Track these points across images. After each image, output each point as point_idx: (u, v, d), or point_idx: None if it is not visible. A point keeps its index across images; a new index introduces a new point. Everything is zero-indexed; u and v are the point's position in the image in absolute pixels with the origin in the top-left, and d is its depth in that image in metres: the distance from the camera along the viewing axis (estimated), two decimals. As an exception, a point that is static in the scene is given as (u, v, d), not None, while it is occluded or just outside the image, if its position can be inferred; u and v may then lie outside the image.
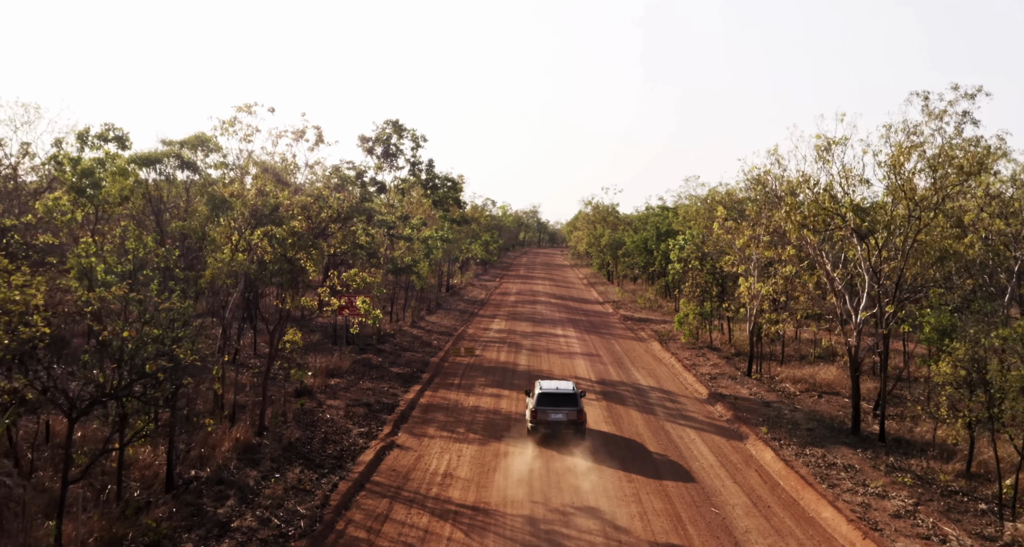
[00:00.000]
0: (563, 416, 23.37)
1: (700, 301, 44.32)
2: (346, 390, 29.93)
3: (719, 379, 35.07)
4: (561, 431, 23.34)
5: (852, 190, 22.39)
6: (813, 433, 25.46)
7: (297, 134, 25.36)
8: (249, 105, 24.50)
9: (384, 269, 42.94)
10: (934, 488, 20.25)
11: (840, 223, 22.57)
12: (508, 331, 50.41)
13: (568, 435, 23.36)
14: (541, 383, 24.67)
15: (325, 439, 23.11)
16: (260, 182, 19.73)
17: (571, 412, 23.39)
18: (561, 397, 23.71)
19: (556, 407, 23.47)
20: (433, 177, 41.46)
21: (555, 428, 23.34)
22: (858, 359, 25.16)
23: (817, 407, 29.39)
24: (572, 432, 23.38)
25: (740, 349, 42.72)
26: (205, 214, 17.23)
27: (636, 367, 38.10)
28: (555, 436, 23.39)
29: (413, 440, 23.85)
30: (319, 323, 44.81)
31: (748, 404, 29.92)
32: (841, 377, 34.63)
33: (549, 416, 23.40)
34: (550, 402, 23.61)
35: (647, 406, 29.32)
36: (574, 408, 23.48)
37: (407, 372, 34.63)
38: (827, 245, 25.85)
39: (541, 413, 23.45)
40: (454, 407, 28.48)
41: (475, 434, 24.67)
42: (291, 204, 21.23)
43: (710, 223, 40.84)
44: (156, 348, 15.52)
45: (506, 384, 32.88)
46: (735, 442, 24.77)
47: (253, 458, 20.48)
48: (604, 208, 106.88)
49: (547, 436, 23.47)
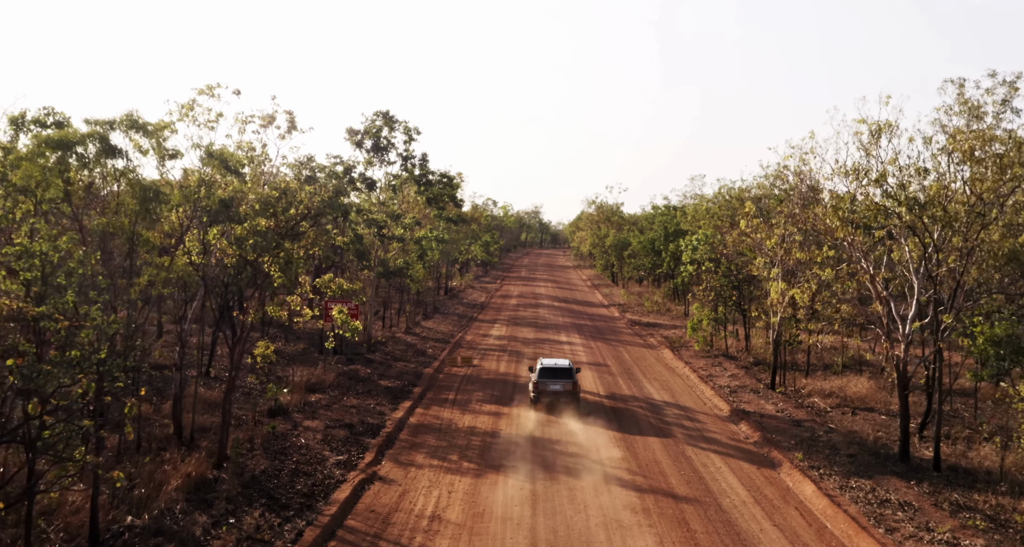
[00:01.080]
0: (560, 387, 27.48)
1: (714, 306, 41.22)
2: (328, 408, 26.82)
3: (740, 393, 31.93)
4: (559, 399, 27.37)
5: (907, 181, 19.28)
6: (856, 460, 22.31)
7: (266, 120, 22.40)
8: (211, 86, 21.46)
9: (375, 272, 39.81)
10: (1011, 532, 17.11)
11: (895, 220, 19.47)
12: (509, 337, 47.29)
13: (564, 403, 27.30)
14: (542, 360, 28.93)
15: (296, 470, 19.99)
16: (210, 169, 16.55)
17: (567, 383, 27.55)
18: (559, 371, 28.03)
19: (555, 379, 27.60)
20: (427, 172, 38.30)
21: (554, 397, 27.43)
22: (907, 374, 22.03)
23: (854, 426, 26.23)
24: (568, 400, 27.36)
25: (759, 358, 39.58)
26: (134, 208, 14.22)
27: (648, 378, 34.96)
28: (554, 404, 27.36)
29: (398, 470, 20.73)
30: (305, 330, 41.72)
31: (776, 423, 26.78)
32: (874, 390, 31.50)
33: (549, 387, 27.53)
34: (550, 375, 27.84)
35: (664, 426, 26.18)
36: (569, 380, 27.68)
37: (397, 386, 31.51)
38: (866, 245, 22.70)
39: (542, 384, 27.62)
40: (447, 428, 25.36)
41: (469, 463, 21.54)
42: (252, 198, 18.17)
43: (726, 222, 37.77)
44: (73, 375, 12.45)
45: (506, 400, 29.75)
46: (767, 471, 21.63)
47: (206, 498, 17.35)
48: (608, 208, 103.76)
49: (548, 404, 27.43)
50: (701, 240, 44.02)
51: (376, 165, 38.26)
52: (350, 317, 34.23)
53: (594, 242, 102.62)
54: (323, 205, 18.52)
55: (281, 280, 18.21)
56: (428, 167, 38.79)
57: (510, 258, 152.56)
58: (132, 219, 14.44)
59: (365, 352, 37.99)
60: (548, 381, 27.49)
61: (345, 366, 34.04)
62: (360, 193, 40.09)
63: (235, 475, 18.75)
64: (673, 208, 77.89)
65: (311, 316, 19.92)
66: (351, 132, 37.75)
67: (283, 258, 17.88)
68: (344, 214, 23.99)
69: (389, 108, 49.35)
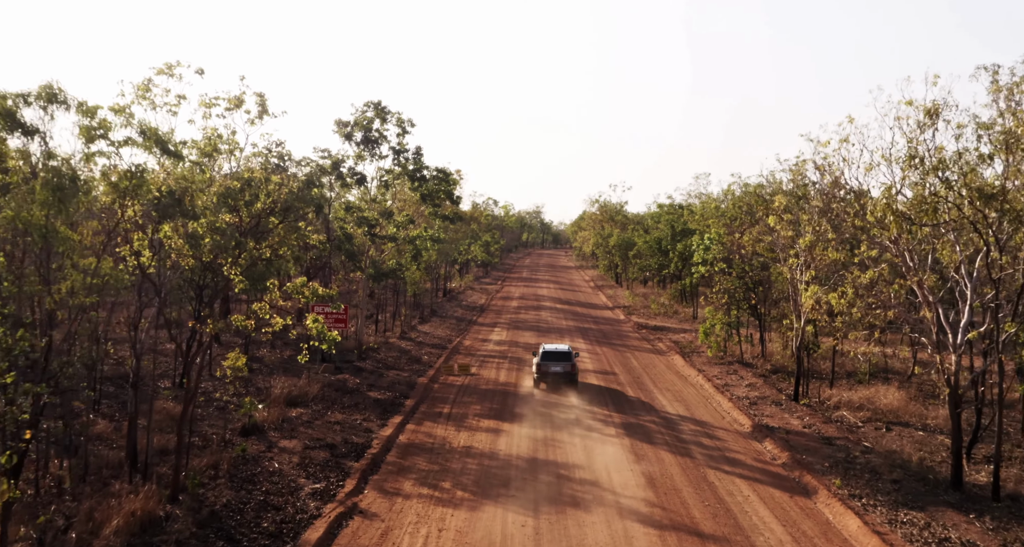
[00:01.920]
0: (560, 368, 30.49)
1: (727, 309, 38.63)
2: (309, 424, 24.26)
3: (760, 405, 29.34)
4: (560, 380, 30.42)
5: (968, 170, 16.69)
6: (901, 487, 19.72)
7: (233, 102, 19.83)
8: (171, 65, 18.94)
9: (366, 274, 37.25)
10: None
11: (955, 214, 16.90)
12: (510, 343, 44.70)
13: (564, 383, 30.42)
14: (544, 346, 31.92)
15: (264, 503, 17.41)
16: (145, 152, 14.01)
17: (566, 365, 30.54)
18: (559, 354, 30.94)
19: (555, 362, 30.62)
20: (421, 167, 35.69)
21: (554, 378, 30.46)
22: (959, 389, 19.44)
23: (892, 445, 23.64)
24: (566, 380, 30.50)
25: (777, 365, 36.97)
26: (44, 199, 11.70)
27: (659, 388, 32.36)
28: (555, 385, 30.39)
29: (382, 502, 18.14)
30: (292, 336, 39.15)
31: (804, 441, 24.20)
32: (905, 402, 28.90)
33: (550, 368, 30.49)
34: (551, 358, 30.77)
35: (681, 445, 23.59)
36: (568, 363, 30.62)
37: (388, 398, 28.94)
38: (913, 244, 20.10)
39: (544, 366, 30.58)
40: (440, 448, 22.77)
41: (464, 491, 18.95)
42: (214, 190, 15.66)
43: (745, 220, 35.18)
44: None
45: (506, 414, 27.15)
46: (801, 499, 19.05)
47: (151, 542, 14.79)
48: (612, 207, 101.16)
49: (549, 383, 30.54)
50: (713, 239, 41.39)
51: (367, 159, 35.69)
52: (336, 322, 31.85)
53: (597, 242, 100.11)
54: (292, 198, 16.01)
55: (243, 285, 15.68)
56: (422, 162, 36.19)
57: (511, 258, 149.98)
58: (46, 212, 11.92)
59: (355, 360, 35.44)
60: (550, 363, 30.52)
61: (333, 376, 31.49)
62: (349, 189, 37.56)
63: (191, 511, 16.19)
64: (679, 206, 75.35)
65: (282, 325, 17.33)
66: (340, 124, 35.18)
67: (245, 260, 15.34)
68: (317, 208, 21.43)
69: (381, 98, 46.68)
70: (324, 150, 35.23)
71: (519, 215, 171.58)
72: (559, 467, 21.02)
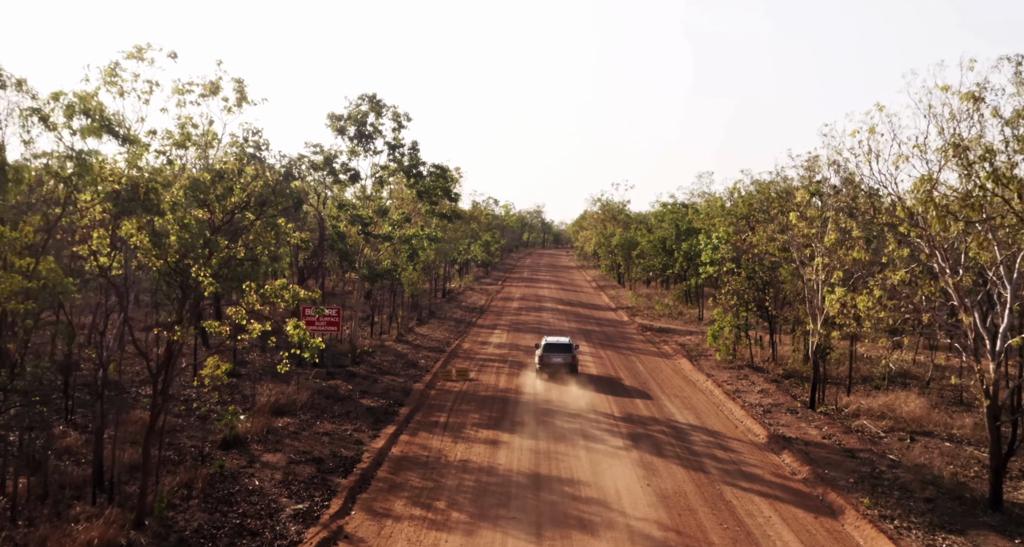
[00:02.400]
0: (561, 359, 32.07)
1: (736, 311, 37.07)
2: (295, 436, 22.72)
3: (775, 413, 27.76)
4: (560, 370, 31.92)
5: (1016, 161, 15.14)
6: (936, 507, 18.15)
7: (208, 89, 18.32)
8: (141, 48, 17.37)
9: (360, 274, 35.69)
10: None
11: (1003, 208, 15.37)
12: (510, 345, 43.12)
13: (564, 373, 31.89)
14: (547, 338, 33.85)
15: (240, 528, 15.85)
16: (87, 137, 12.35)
17: (567, 356, 32.19)
18: (560, 346, 32.73)
19: (557, 353, 32.22)
20: (417, 162, 34.12)
21: (556, 368, 31.93)
22: (999, 400, 17.88)
23: (919, 459, 22.06)
24: (567, 371, 32.01)
25: (789, 370, 35.40)
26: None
27: (667, 395, 30.79)
28: (556, 375, 31.86)
29: (370, 525, 16.58)
30: (283, 340, 37.56)
31: (825, 453, 22.64)
32: (927, 409, 27.34)
33: (552, 359, 32.02)
34: (553, 350, 32.43)
35: (693, 458, 22.02)
36: (568, 354, 32.32)
37: (381, 405, 27.38)
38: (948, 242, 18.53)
39: (546, 357, 32.14)
40: (435, 462, 21.20)
41: (460, 512, 17.38)
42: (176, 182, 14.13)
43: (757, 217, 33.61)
44: None
45: (505, 423, 25.58)
46: (827, 521, 17.48)
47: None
48: (614, 206, 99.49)
49: (550, 373, 31.89)
50: (722, 239, 39.82)
51: (361, 154, 34.13)
52: (328, 326, 30.28)
53: (599, 241, 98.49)
54: (268, 191, 14.47)
55: (214, 288, 14.14)
56: (419, 157, 34.62)
57: (512, 258, 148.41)
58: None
59: (349, 364, 33.88)
60: (551, 354, 32.11)
61: (324, 382, 29.92)
62: (345, 186, 36.01)
63: (157, 538, 14.64)
64: (683, 205, 73.80)
65: (260, 331, 15.78)
66: (333, 117, 33.61)
67: (217, 260, 13.81)
68: (297, 203, 19.87)
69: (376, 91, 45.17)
70: (316, 145, 33.72)
71: (520, 215, 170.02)
72: (563, 483, 19.45)
